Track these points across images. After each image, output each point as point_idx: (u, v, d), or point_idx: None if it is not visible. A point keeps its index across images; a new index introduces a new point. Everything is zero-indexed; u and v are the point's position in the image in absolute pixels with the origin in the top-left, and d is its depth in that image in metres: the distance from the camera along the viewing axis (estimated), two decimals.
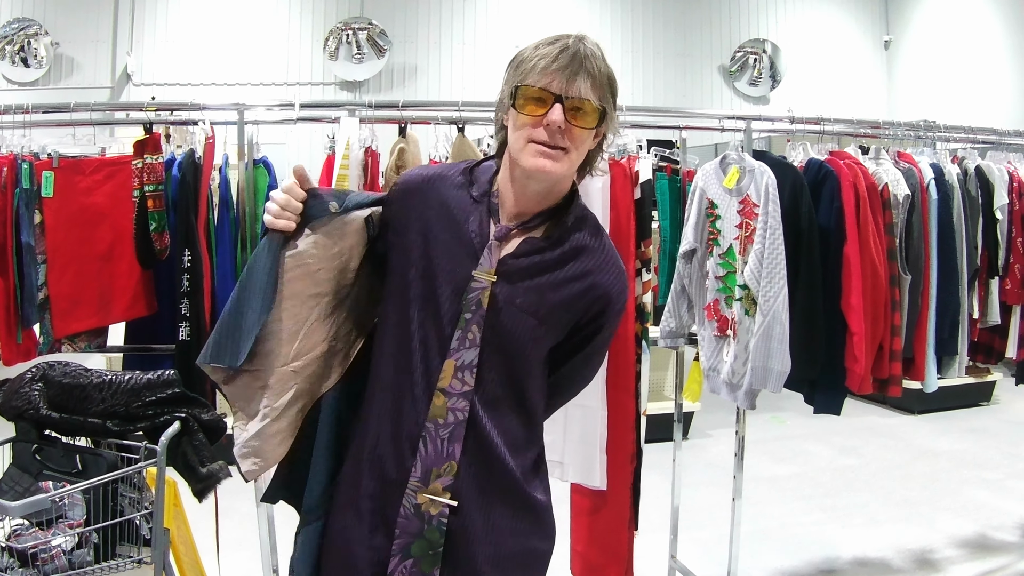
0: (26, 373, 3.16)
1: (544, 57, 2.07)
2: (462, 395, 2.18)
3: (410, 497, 2.19)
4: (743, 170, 4.00)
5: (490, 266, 2.18)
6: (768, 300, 3.81)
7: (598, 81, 2.10)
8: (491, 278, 2.18)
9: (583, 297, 2.26)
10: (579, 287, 2.25)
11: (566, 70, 2.06)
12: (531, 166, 2.10)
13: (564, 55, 2.06)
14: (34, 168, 3.89)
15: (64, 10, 12.05)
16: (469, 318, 2.18)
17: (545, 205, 2.23)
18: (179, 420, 3.08)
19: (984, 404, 9.53)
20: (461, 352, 2.18)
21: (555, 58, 2.06)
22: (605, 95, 2.13)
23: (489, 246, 2.20)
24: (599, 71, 2.10)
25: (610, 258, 2.32)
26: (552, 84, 2.07)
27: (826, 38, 15.13)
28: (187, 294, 3.83)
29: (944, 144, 4.98)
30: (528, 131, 2.10)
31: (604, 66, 2.12)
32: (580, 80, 2.07)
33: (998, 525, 6.00)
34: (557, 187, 2.22)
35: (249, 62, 12.53)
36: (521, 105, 2.10)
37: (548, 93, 2.07)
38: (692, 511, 5.83)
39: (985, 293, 4.80)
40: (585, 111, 2.09)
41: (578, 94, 2.07)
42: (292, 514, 2.54)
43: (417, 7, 13.33)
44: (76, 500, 2.94)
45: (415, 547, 2.19)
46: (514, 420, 2.25)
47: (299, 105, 4.05)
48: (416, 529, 2.18)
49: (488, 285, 2.17)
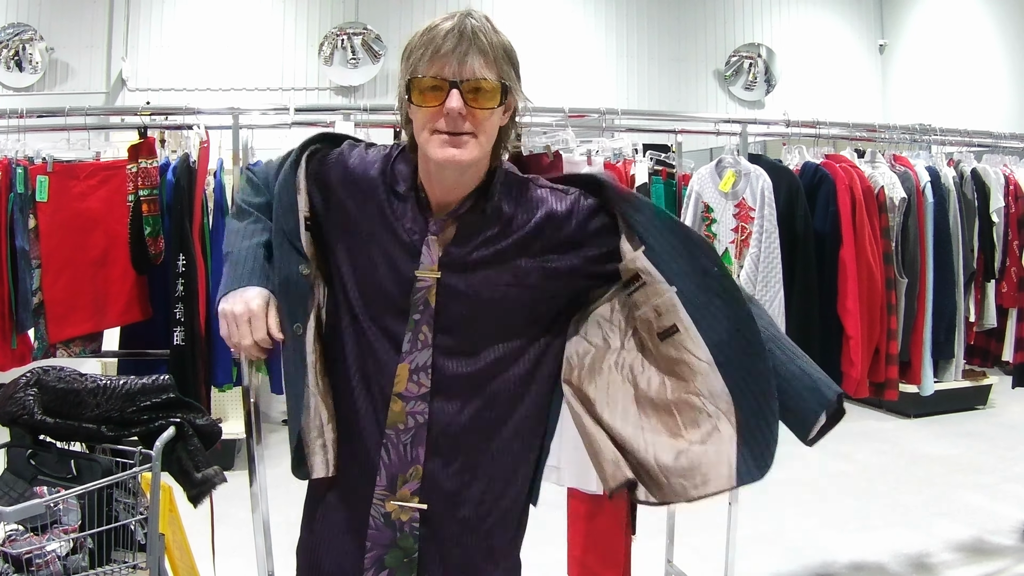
0: (21, 378, 3.15)
1: (431, 43, 1.97)
2: (419, 398, 2.13)
3: (377, 507, 2.16)
4: (739, 174, 4.00)
5: (431, 263, 2.11)
6: (764, 304, 3.80)
7: (492, 55, 2.00)
8: (435, 275, 2.11)
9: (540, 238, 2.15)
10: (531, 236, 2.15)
11: (455, 51, 1.96)
12: (440, 157, 2.00)
13: (451, 37, 1.96)
14: (29, 173, 3.88)
15: (59, 15, 12.05)
16: (418, 319, 2.12)
17: (471, 187, 2.12)
18: (174, 425, 3.07)
19: (980, 408, 9.53)
20: (414, 354, 2.12)
21: (442, 41, 1.96)
22: (504, 68, 2.05)
23: (427, 242, 2.12)
24: (491, 44, 2.00)
25: (545, 190, 2.22)
26: (444, 70, 1.96)
27: (821, 42, 15.14)
28: (182, 299, 3.82)
29: (940, 147, 4.98)
30: (430, 122, 2.00)
31: (496, 37, 2.03)
32: (472, 59, 1.97)
33: (994, 529, 5.99)
34: (477, 170, 2.12)
35: (244, 67, 12.52)
36: (417, 98, 2.01)
37: (442, 80, 1.97)
38: (689, 516, 5.82)
39: (981, 296, 4.80)
40: (484, 91, 1.99)
41: (472, 75, 1.97)
42: (288, 520, 2.53)
43: (412, 13, 13.32)
44: (71, 505, 2.93)
45: (389, 558, 2.17)
46: (483, 410, 2.18)
47: (294, 110, 4.04)
48: (388, 539, 2.16)
49: (433, 282, 2.11)
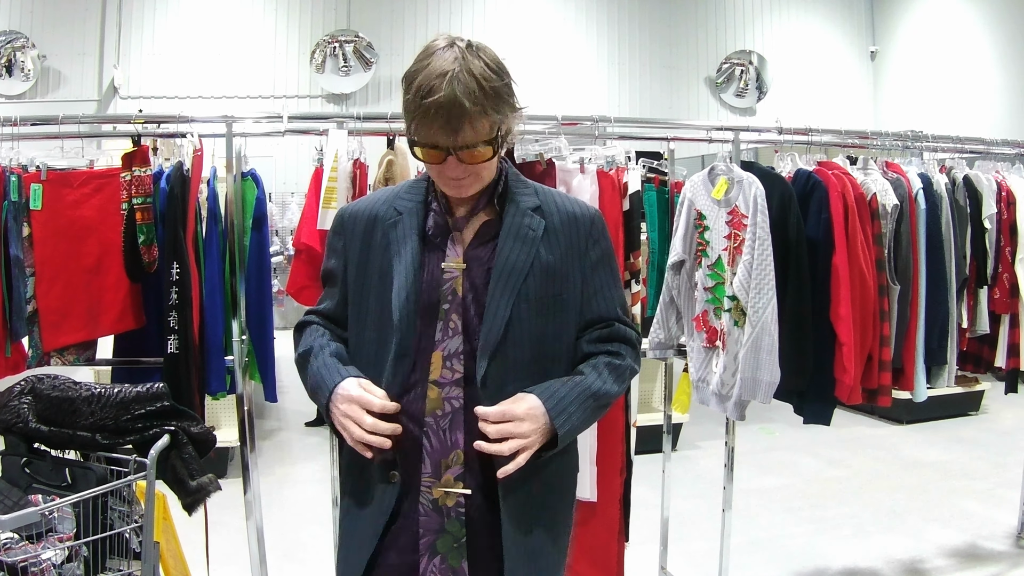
0: (15, 386, 3.15)
1: (425, 116, 2.08)
2: (454, 383, 2.24)
3: (425, 494, 2.24)
4: (731, 181, 4.01)
5: (456, 256, 2.29)
6: (757, 311, 3.81)
7: (481, 112, 2.10)
8: (461, 266, 2.28)
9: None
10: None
11: (447, 127, 2.08)
12: (450, 194, 2.28)
13: (441, 112, 2.06)
14: (22, 181, 3.87)
15: (51, 23, 12.06)
16: (447, 308, 2.27)
17: (482, 188, 2.32)
18: (168, 433, 3.07)
19: (973, 414, 9.55)
20: (445, 342, 2.25)
21: (434, 117, 2.07)
22: (494, 116, 2.15)
23: (451, 237, 2.31)
24: (477, 100, 2.09)
25: (554, 195, 2.45)
26: (439, 141, 2.11)
27: (812, 49, 15.20)
28: (175, 307, 3.82)
29: (932, 154, 4.99)
30: (433, 167, 2.22)
31: (481, 93, 2.10)
32: (464, 130, 2.09)
33: (987, 535, 6.00)
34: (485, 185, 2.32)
35: (235, 75, 12.55)
36: (420, 153, 2.19)
37: (438, 148, 2.13)
38: (682, 523, 5.83)
39: (974, 303, 4.81)
40: (477, 149, 2.15)
41: (465, 143, 2.12)
42: (282, 528, 2.54)
43: (404, 20, 13.36)
44: (66, 514, 2.92)
45: (440, 543, 2.25)
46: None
47: (287, 117, 4.04)
48: (437, 525, 2.24)
49: (459, 274, 2.27)
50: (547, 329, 2.31)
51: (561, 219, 2.37)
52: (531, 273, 2.28)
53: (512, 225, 2.31)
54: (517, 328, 2.26)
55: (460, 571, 2.25)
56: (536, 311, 2.29)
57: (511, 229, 2.31)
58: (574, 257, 2.36)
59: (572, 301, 2.37)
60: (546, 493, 2.35)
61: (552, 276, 2.32)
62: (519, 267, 2.28)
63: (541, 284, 2.30)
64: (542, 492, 2.34)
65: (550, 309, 2.32)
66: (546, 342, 2.32)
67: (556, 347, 2.34)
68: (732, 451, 4.49)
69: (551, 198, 2.42)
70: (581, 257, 2.38)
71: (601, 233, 2.43)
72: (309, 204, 4.16)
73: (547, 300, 2.31)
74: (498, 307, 2.24)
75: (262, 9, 12.84)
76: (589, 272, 2.39)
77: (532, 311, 2.28)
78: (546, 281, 2.30)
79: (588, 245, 2.39)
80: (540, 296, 2.29)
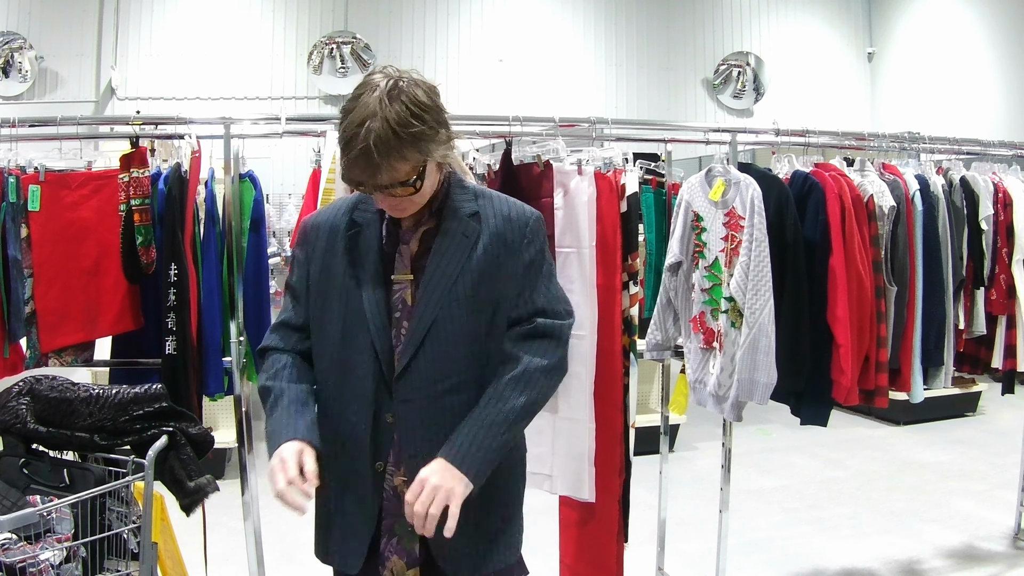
0: (13, 387, 3.16)
1: (349, 163, 2.29)
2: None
3: (389, 481, 2.49)
4: (728, 183, 4.01)
5: (405, 267, 2.48)
6: (754, 312, 3.82)
7: (399, 158, 2.26)
8: (408, 277, 2.48)
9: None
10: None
11: (367, 170, 2.26)
12: (390, 215, 2.48)
13: (362, 158, 2.24)
14: (20, 182, 3.87)
15: (48, 24, 12.05)
16: (399, 316, 2.47)
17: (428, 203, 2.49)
18: (166, 434, 3.08)
19: (970, 415, 9.55)
20: (399, 346, 2.46)
21: (354, 162, 2.27)
22: (413, 158, 2.30)
23: (399, 250, 2.50)
24: (392, 149, 2.24)
25: (494, 199, 2.60)
26: (365, 181, 2.30)
27: (809, 50, 15.19)
28: (173, 308, 3.82)
29: (929, 155, 5.00)
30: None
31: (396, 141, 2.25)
32: (383, 171, 2.26)
33: (985, 536, 6.01)
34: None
35: (233, 76, 12.53)
36: (355, 187, 2.38)
37: (363, 186, 2.34)
38: (679, 523, 5.83)
39: (971, 304, 4.82)
40: (398, 186, 2.32)
41: (385, 183, 2.29)
42: (279, 529, 2.58)
43: (401, 22, 13.35)
44: (64, 514, 2.93)
45: (398, 527, 2.49)
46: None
47: (285, 119, 4.05)
48: (396, 510, 2.45)
49: (407, 284, 2.47)
50: (481, 327, 2.48)
51: (497, 223, 2.51)
52: (461, 276, 2.45)
53: (447, 232, 2.48)
54: (448, 326, 2.45)
55: (412, 552, 2.49)
56: (469, 311, 2.46)
57: (445, 237, 2.47)
58: (508, 257, 2.50)
59: (506, 299, 2.51)
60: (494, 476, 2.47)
61: (485, 277, 2.47)
62: (449, 272, 2.45)
63: (473, 285, 2.46)
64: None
65: (484, 308, 2.48)
66: (480, 339, 2.48)
67: (491, 344, 2.50)
68: (729, 452, 4.49)
69: (490, 203, 2.56)
70: (516, 257, 2.51)
71: (535, 234, 2.56)
72: (307, 205, 4.16)
73: (480, 300, 2.47)
74: (424, 311, 2.44)
75: (259, 10, 12.82)
76: (522, 271, 2.52)
77: (464, 311, 2.45)
78: (479, 282, 2.46)
79: (523, 246, 2.52)
80: (472, 296, 2.45)
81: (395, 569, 2.50)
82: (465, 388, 2.46)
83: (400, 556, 2.50)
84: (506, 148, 4.04)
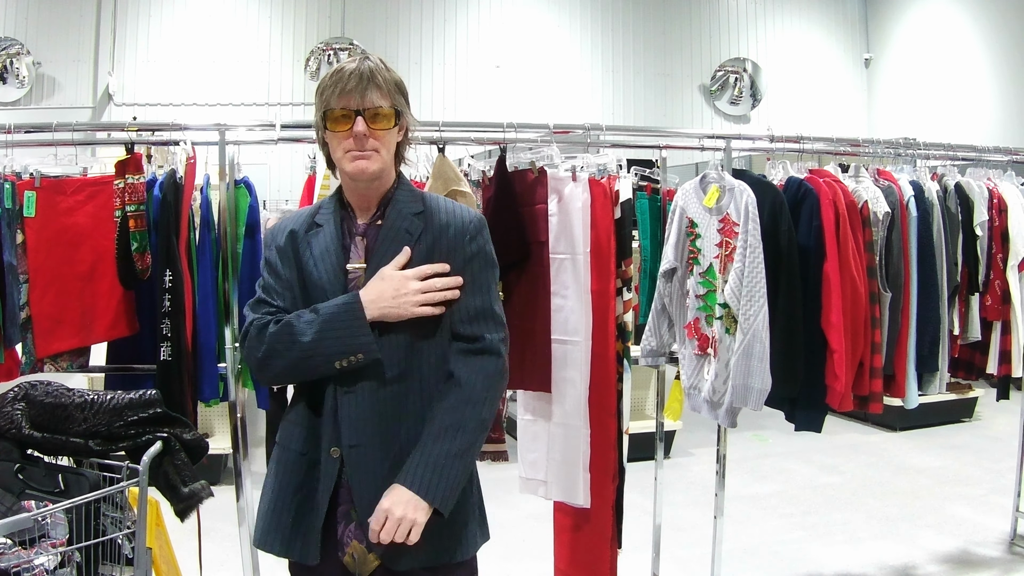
0: (8, 393, 3.16)
1: (339, 83, 2.52)
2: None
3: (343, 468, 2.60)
4: (723, 189, 4.02)
5: (359, 257, 2.65)
6: (748, 318, 3.83)
7: (386, 89, 2.56)
8: (362, 266, 2.63)
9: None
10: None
11: (357, 88, 2.51)
12: (351, 170, 2.58)
13: (353, 77, 2.51)
14: (16, 188, 3.88)
15: (46, 30, 12.05)
16: None
17: (381, 194, 2.69)
18: (161, 440, 3.09)
19: (966, 420, 9.55)
20: None
21: (347, 81, 2.51)
22: (396, 98, 2.59)
23: (354, 242, 2.67)
24: (385, 80, 2.56)
25: (439, 201, 2.77)
26: (350, 103, 2.52)
27: (806, 56, 15.21)
28: (168, 314, 3.83)
29: (924, 161, 5.00)
30: (342, 143, 2.57)
31: (389, 75, 2.59)
32: (371, 93, 2.52)
33: (980, 541, 6.01)
34: (384, 180, 2.68)
35: (230, 82, 12.54)
36: (332, 125, 2.58)
37: (349, 111, 2.53)
38: (674, 529, 5.84)
39: (965, 309, 4.83)
40: (382, 115, 2.56)
41: (372, 104, 2.53)
42: None
43: (398, 27, 13.36)
44: (58, 519, 2.93)
45: (355, 512, 2.59)
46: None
47: (280, 125, 4.05)
48: (351, 497, 2.58)
49: (361, 273, 2.62)
50: (423, 320, 2.58)
51: (441, 220, 2.67)
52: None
53: (390, 228, 2.65)
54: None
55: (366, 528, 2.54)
56: None
57: (389, 232, 2.64)
58: (451, 252, 2.65)
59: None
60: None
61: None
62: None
63: None
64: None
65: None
66: (421, 332, 2.60)
67: (426, 333, 2.62)
68: (724, 458, 4.50)
69: (437, 204, 2.73)
70: (459, 251, 2.65)
71: (479, 231, 2.71)
72: None
73: None
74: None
75: (257, 16, 12.83)
76: (463, 264, 2.65)
77: None
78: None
79: (466, 241, 2.66)
80: None
81: (356, 554, 2.59)
82: (405, 378, 2.59)
83: (359, 540, 2.58)
84: (501, 155, 4.04)
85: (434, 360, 2.63)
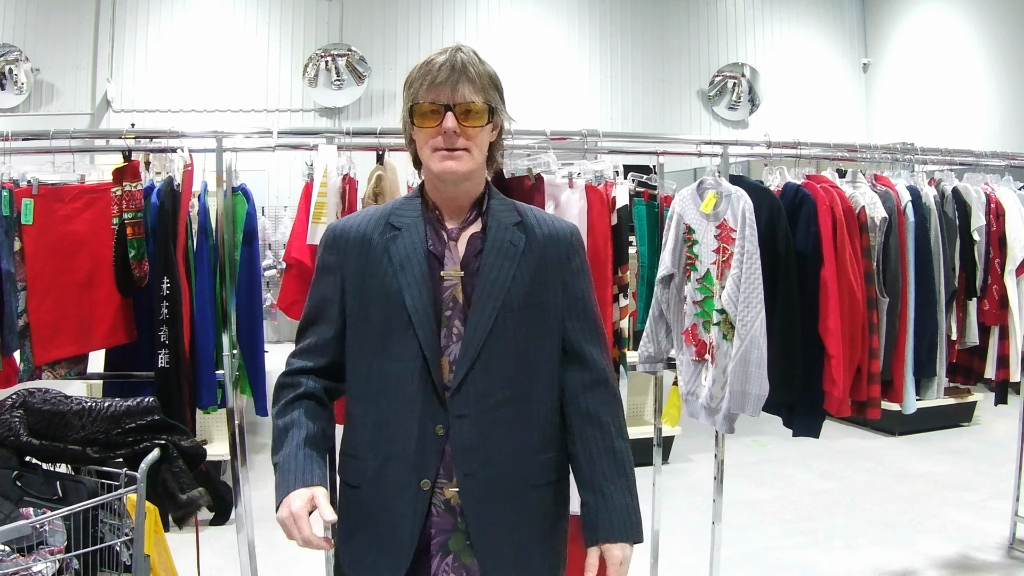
0: (6, 400, 3.16)
1: (428, 75, 2.34)
2: None
3: (438, 495, 2.36)
4: (720, 195, 4.02)
5: (454, 263, 2.42)
6: (746, 324, 3.83)
7: (479, 84, 2.37)
8: (459, 273, 2.41)
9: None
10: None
11: (448, 81, 2.32)
12: (439, 170, 2.37)
13: (444, 69, 2.33)
14: (14, 195, 3.88)
15: (44, 37, 12.08)
16: (449, 315, 2.39)
17: (472, 199, 2.49)
18: (159, 447, 3.09)
19: (965, 425, 9.56)
20: (451, 347, 2.38)
21: (437, 73, 2.33)
22: (490, 93, 2.41)
23: (448, 247, 2.44)
24: (478, 74, 2.37)
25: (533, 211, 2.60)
26: (440, 97, 2.33)
27: (805, 61, 15.24)
28: (166, 322, 3.83)
29: (921, 166, 5.00)
30: (430, 140, 2.37)
31: (483, 68, 2.40)
32: (463, 87, 2.33)
33: (979, 546, 6.02)
34: (475, 183, 2.48)
35: (228, 88, 12.57)
36: (419, 120, 2.37)
37: (438, 105, 2.33)
38: (673, 535, 5.84)
39: (963, 314, 4.83)
40: (474, 112, 2.36)
41: (463, 99, 2.34)
42: (272, 541, 2.56)
43: (396, 34, 13.39)
44: (57, 527, 2.93)
45: (452, 542, 2.37)
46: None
47: (277, 133, 4.05)
48: (449, 525, 2.37)
49: (458, 281, 2.40)
50: (529, 337, 2.43)
51: (542, 233, 2.50)
52: (513, 285, 2.40)
53: (495, 240, 2.43)
54: (502, 337, 2.38)
55: (472, 567, 2.37)
56: (519, 320, 2.41)
57: (494, 244, 2.43)
58: (555, 267, 2.49)
59: (553, 307, 2.49)
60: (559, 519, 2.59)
61: (534, 286, 2.44)
62: (501, 279, 2.40)
63: (523, 294, 2.42)
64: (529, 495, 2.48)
65: (532, 317, 2.44)
66: (528, 351, 2.43)
67: (537, 354, 2.46)
68: (722, 464, 4.50)
69: (531, 214, 2.55)
70: (562, 267, 2.51)
71: (580, 245, 2.59)
72: (299, 219, 4.17)
73: (529, 309, 2.43)
74: (480, 319, 2.37)
75: (255, 24, 12.86)
76: (571, 279, 2.52)
77: (515, 320, 2.40)
78: (528, 291, 2.43)
79: (569, 255, 2.52)
80: (522, 306, 2.42)
81: None
82: (515, 401, 2.40)
83: (459, 575, 2.37)
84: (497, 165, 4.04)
85: (546, 381, 2.47)
